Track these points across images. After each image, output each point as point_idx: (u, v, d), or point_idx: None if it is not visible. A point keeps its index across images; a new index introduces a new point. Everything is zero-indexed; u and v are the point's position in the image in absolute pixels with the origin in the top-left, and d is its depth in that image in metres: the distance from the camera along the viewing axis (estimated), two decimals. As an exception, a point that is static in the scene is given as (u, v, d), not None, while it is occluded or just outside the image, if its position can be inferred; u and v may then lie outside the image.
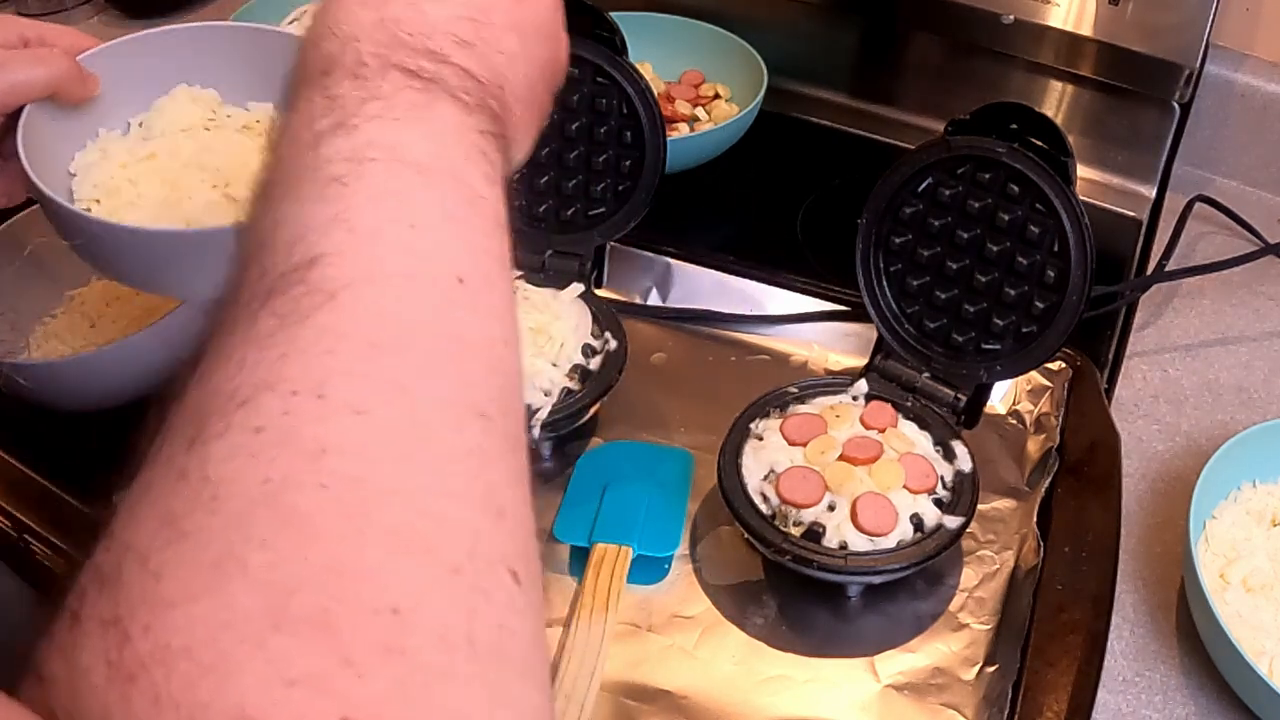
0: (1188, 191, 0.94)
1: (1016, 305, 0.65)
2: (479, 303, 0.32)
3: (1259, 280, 0.88)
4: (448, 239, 0.33)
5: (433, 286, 0.31)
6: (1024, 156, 0.63)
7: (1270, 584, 0.61)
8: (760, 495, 0.61)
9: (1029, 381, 0.72)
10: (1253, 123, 0.96)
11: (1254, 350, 0.82)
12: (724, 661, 0.58)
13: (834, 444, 0.62)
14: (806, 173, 0.98)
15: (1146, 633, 0.63)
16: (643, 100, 0.71)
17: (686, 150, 0.90)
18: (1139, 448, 0.73)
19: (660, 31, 1.02)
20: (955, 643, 0.59)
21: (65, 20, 1.17)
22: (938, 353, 0.68)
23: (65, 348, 0.74)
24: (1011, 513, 0.66)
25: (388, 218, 0.32)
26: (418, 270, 0.31)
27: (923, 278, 0.68)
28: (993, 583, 0.62)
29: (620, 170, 0.73)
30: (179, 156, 0.66)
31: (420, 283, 0.31)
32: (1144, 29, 0.88)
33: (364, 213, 0.31)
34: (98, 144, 0.65)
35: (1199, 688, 0.60)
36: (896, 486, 0.60)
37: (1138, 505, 0.69)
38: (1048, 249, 0.64)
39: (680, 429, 0.70)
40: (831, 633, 0.60)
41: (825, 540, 0.59)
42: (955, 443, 0.64)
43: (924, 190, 0.67)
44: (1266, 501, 0.66)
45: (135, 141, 0.67)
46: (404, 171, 0.33)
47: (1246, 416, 0.76)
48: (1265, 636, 0.59)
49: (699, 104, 0.98)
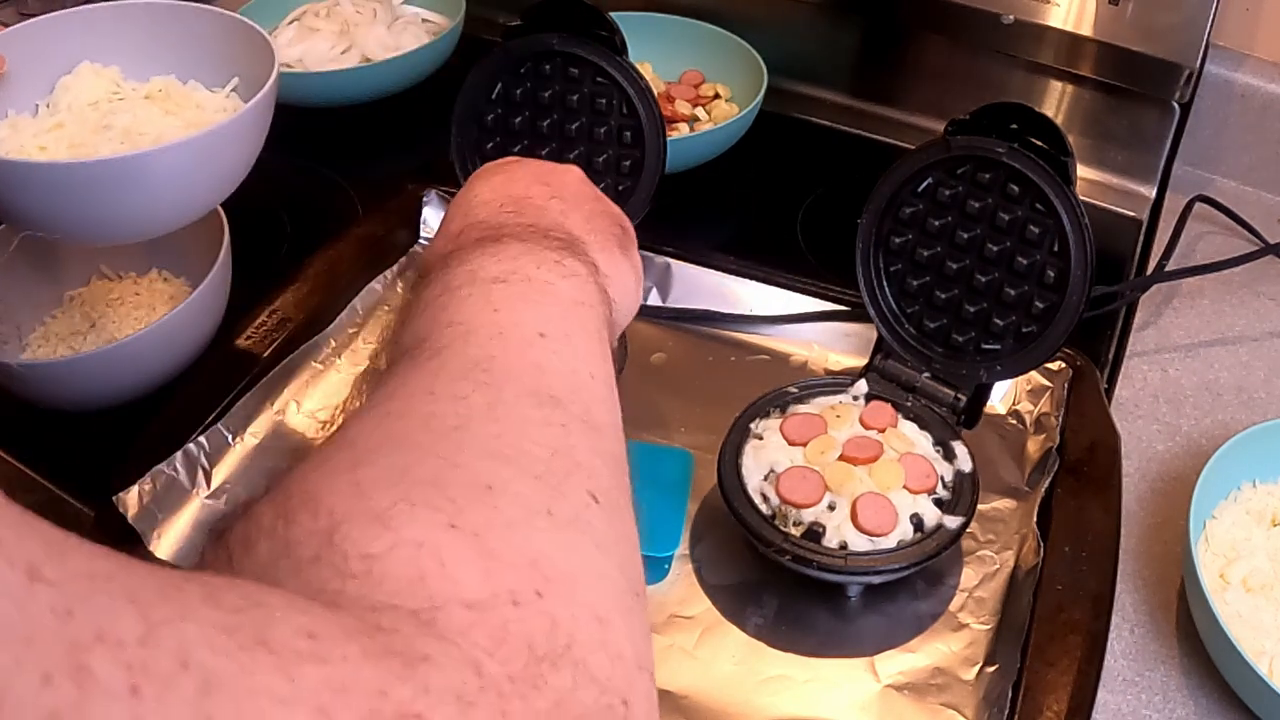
0: (1188, 191, 0.94)
1: (1016, 305, 0.65)
2: (559, 348, 0.43)
3: (1259, 280, 0.88)
4: (527, 314, 0.44)
5: (517, 338, 0.42)
6: (1024, 156, 0.63)
7: (1270, 584, 0.61)
8: (760, 495, 0.61)
9: (1029, 381, 0.72)
10: (1253, 123, 0.96)
11: (1254, 350, 0.82)
12: (724, 661, 0.58)
13: (834, 444, 0.62)
14: (806, 173, 0.98)
15: (1146, 633, 0.63)
16: (643, 100, 0.71)
17: (686, 150, 0.90)
18: (1139, 448, 0.73)
19: (660, 31, 1.02)
20: (955, 643, 0.59)
21: (65, 20, 1.17)
22: (938, 353, 0.68)
23: (65, 348, 0.74)
24: (1011, 513, 0.66)
25: (474, 309, 0.44)
26: (504, 330, 0.43)
27: (923, 278, 0.68)
28: (993, 583, 0.62)
29: (620, 170, 0.73)
30: (87, 124, 0.68)
31: (507, 338, 0.42)
32: (1144, 29, 0.88)
33: (454, 310, 0.44)
34: (7, 122, 0.68)
35: (1199, 688, 0.60)
36: (896, 486, 0.60)
37: (1138, 505, 0.69)
38: (1048, 249, 0.64)
39: (680, 429, 0.70)
40: (831, 633, 0.60)
41: (825, 540, 0.59)
42: (955, 443, 0.64)
43: (924, 190, 0.67)
44: (1266, 501, 0.66)
45: (44, 117, 0.69)
46: (482, 283, 0.45)
47: (1246, 416, 0.76)
48: (1265, 636, 0.59)
49: (699, 104, 0.98)
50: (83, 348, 0.73)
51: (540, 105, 0.73)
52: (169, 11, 0.73)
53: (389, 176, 0.88)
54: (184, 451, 0.64)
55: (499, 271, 0.46)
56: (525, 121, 0.73)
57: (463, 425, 0.37)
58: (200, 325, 0.72)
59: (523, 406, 0.39)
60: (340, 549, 0.30)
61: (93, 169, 0.60)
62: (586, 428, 0.40)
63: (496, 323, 0.43)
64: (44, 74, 0.70)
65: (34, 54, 0.68)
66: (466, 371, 0.40)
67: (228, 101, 0.72)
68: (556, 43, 0.71)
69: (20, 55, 0.67)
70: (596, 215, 0.55)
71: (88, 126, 0.68)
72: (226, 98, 0.72)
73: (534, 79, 0.72)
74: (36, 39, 0.69)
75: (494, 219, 0.52)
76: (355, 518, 0.31)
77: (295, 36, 1.05)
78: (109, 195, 0.61)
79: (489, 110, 0.74)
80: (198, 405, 0.67)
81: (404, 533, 0.31)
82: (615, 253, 0.54)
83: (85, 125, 0.68)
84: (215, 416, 0.67)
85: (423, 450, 0.35)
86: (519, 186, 0.55)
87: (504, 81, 0.73)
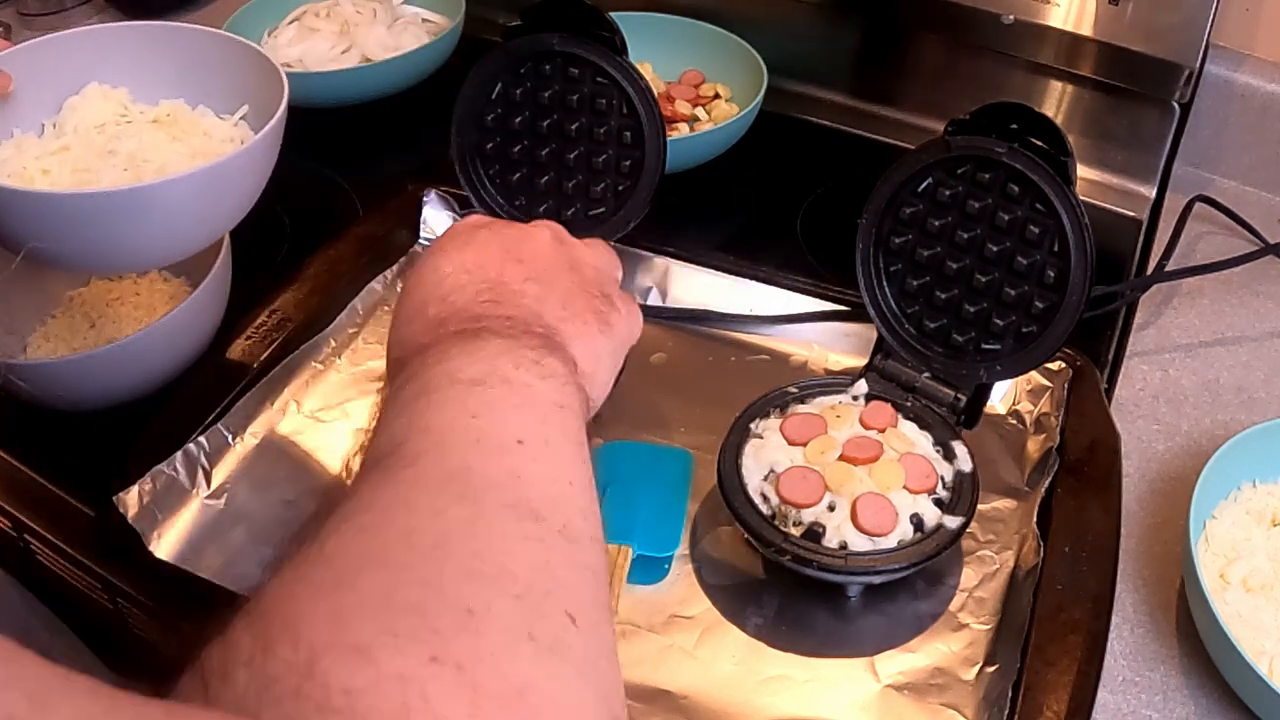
0: (1188, 191, 0.94)
1: (1016, 305, 0.65)
2: (538, 454, 0.42)
3: (1259, 280, 0.88)
4: (505, 418, 0.44)
5: (495, 445, 0.42)
6: (1024, 156, 0.63)
7: (1270, 584, 0.61)
8: (760, 495, 0.61)
9: (1029, 381, 0.72)
10: (1253, 123, 0.96)
11: (1254, 350, 0.82)
12: (724, 661, 0.58)
13: (834, 444, 0.62)
14: (806, 173, 0.98)
15: (1146, 633, 0.63)
16: (643, 100, 0.71)
17: (686, 150, 0.90)
18: (1139, 448, 0.73)
19: (660, 31, 1.02)
20: (955, 643, 0.59)
21: (65, 20, 1.17)
22: (938, 353, 0.68)
23: (65, 348, 0.74)
24: (1011, 513, 0.66)
25: (451, 414, 0.43)
26: (481, 438, 0.42)
27: (923, 278, 0.68)
28: (993, 583, 0.62)
29: (620, 170, 0.73)
30: (92, 148, 0.67)
31: (484, 445, 0.42)
32: (1144, 29, 0.88)
33: (431, 415, 0.43)
34: (12, 142, 0.67)
35: (1199, 688, 0.60)
36: (896, 486, 0.60)
37: (1138, 505, 0.69)
38: (1048, 249, 0.64)
39: (680, 429, 0.70)
40: (831, 633, 0.60)
41: (825, 540, 0.59)
42: (955, 443, 0.64)
43: (924, 190, 0.67)
44: (1266, 501, 0.66)
45: (49, 139, 0.68)
46: (460, 385, 0.45)
47: (1246, 416, 0.76)
48: (1265, 636, 0.59)
49: (699, 104, 0.98)
50: (83, 348, 0.73)
51: (540, 105, 0.73)
52: (179, 35, 0.72)
53: (389, 176, 0.88)
54: (184, 451, 0.64)
55: (476, 373, 0.45)
56: (525, 121, 0.73)
57: (441, 543, 0.36)
58: (200, 325, 0.72)
59: (502, 521, 0.38)
60: (321, 683, 0.30)
61: (95, 200, 0.59)
62: (564, 541, 0.39)
63: (474, 429, 0.42)
64: (52, 93, 0.69)
65: (42, 72, 0.67)
66: (443, 484, 0.39)
67: (236, 130, 0.71)
68: (556, 43, 0.71)
69: (28, 73, 0.66)
70: (574, 295, 0.54)
71: (92, 150, 0.67)
72: (235, 125, 0.71)
73: (534, 79, 0.72)
74: (45, 57, 0.68)
75: (471, 308, 0.51)
76: (336, 650, 0.31)
77: (295, 36, 1.05)
78: (111, 226, 0.60)
79: (489, 110, 0.74)
80: (198, 405, 0.67)
81: (386, 667, 0.30)
82: (595, 337, 0.53)
83: (90, 149, 0.67)
84: (215, 416, 0.67)
85: (403, 571, 0.34)
86: (492, 268, 0.53)
87: (504, 81, 0.73)
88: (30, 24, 1.16)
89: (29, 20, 1.16)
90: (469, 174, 0.75)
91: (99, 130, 0.69)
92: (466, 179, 0.75)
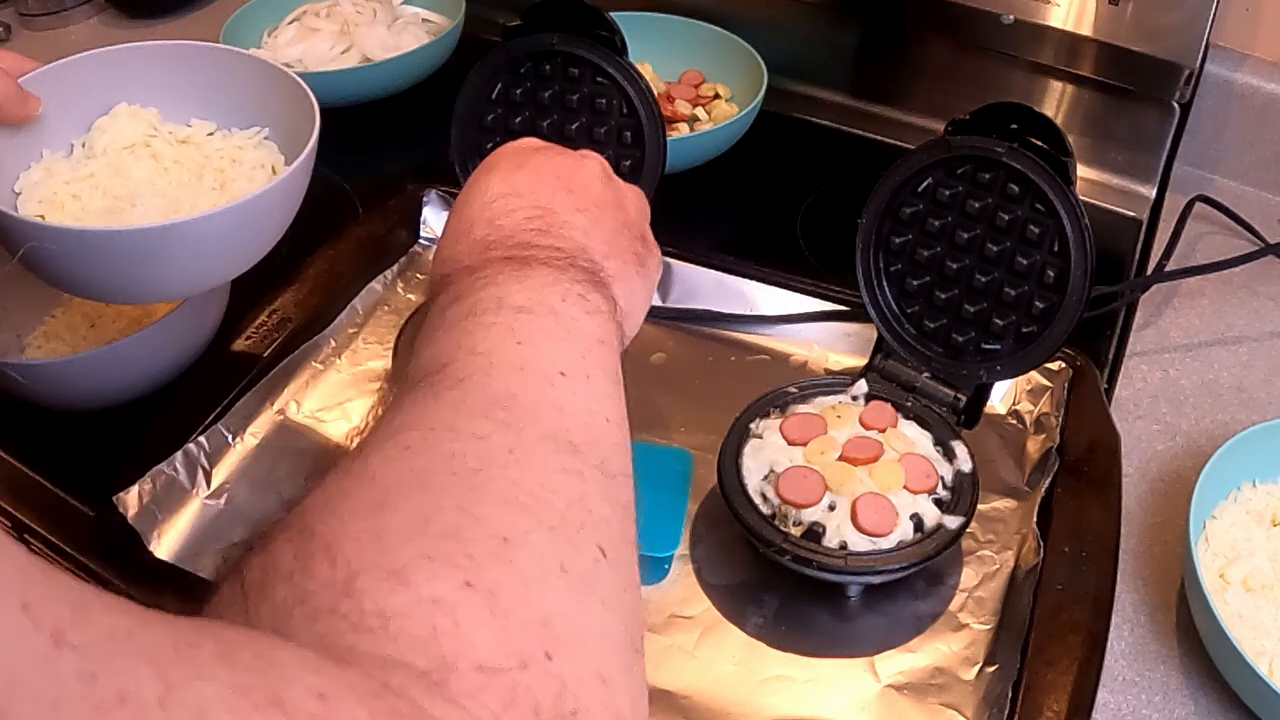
0: (1188, 191, 0.94)
1: (1016, 305, 0.65)
2: (579, 389, 0.43)
3: (1259, 280, 0.88)
4: (550, 349, 0.44)
5: (539, 375, 0.43)
6: (1024, 156, 0.63)
7: (1270, 584, 0.61)
8: (760, 495, 0.61)
9: (1029, 381, 0.72)
10: (1253, 123, 0.96)
11: (1254, 350, 0.82)
12: (724, 661, 0.58)
13: (834, 444, 0.62)
14: (806, 173, 0.98)
15: (1146, 633, 0.63)
16: (643, 100, 0.71)
17: (686, 150, 0.90)
18: (1139, 448, 0.73)
19: (660, 31, 1.02)
20: (955, 643, 0.59)
21: (65, 20, 1.17)
22: (938, 353, 0.68)
23: (65, 348, 0.74)
24: (1011, 513, 0.66)
25: (498, 339, 0.44)
26: (525, 365, 0.43)
27: (923, 278, 0.68)
28: (993, 583, 0.62)
29: (620, 170, 0.73)
30: (122, 172, 0.67)
31: (528, 374, 0.42)
32: (1144, 29, 0.88)
33: (478, 337, 0.44)
34: (42, 164, 0.66)
35: (1199, 688, 0.60)
36: (896, 486, 0.60)
37: (1138, 505, 0.69)
38: (1048, 249, 0.64)
39: (680, 429, 0.70)
40: (831, 632, 0.60)
41: (825, 540, 0.59)
42: (955, 443, 0.64)
43: (924, 190, 0.67)
44: (1266, 501, 0.66)
45: (79, 160, 0.68)
46: (508, 311, 0.45)
47: (1246, 416, 0.76)
48: (1265, 636, 0.59)
49: (699, 104, 0.98)
50: (83, 348, 0.73)
51: (540, 105, 0.73)
52: (210, 55, 0.71)
53: (389, 176, 0.88)
54: (184, 451, 0.64)
55: (524, 301, 0.46)
56: (525, 121, 0.73)
57: (483, 468, 0.37)
58: (200, 325, 0.72)
59: (542, 451, 0.39)
60: (357, 602, 0.30)
61: (127, 237, 0.59)
62: (600, 475, 0.40)
63: (519, 357, 0.43)
64: (80, 113, 0.68)
65: (71, 93, 0.66)
66: (488, 409, 0.40)
67: (265, 155, 0.70)
68: (556, 43, 0.71)
69: (56, 94, 0.65)
70: (619, 232, 0.54)
71: (122, 174, 0.66)
72: (263, 148, 0.70)
73: (534, 79, 0.72)
74: (74, 77, 0.67)
75: (519, 235, 0.51)
76: (373, 571, 0.31)
77: (295, 36, 1.05)
78: (141, 262, 0.59)
79: (489, 110, 0.74)
80: (198, 405, 0.67)
81: (421, 590, 0.31)
82: (634, 278, 0.54)
83: (121, 173, 0.66)
84: (215, 416, 0.67)
85: (443, 495, 0.35)
86: (543, 194, 0.53)
87: (504, 81, 0.73)
88: (30, 24, 1.16)
89: (29, 20, 1.16)
90: (469, 174, 0.75)
91: (129, 151, 0.68)
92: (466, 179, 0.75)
